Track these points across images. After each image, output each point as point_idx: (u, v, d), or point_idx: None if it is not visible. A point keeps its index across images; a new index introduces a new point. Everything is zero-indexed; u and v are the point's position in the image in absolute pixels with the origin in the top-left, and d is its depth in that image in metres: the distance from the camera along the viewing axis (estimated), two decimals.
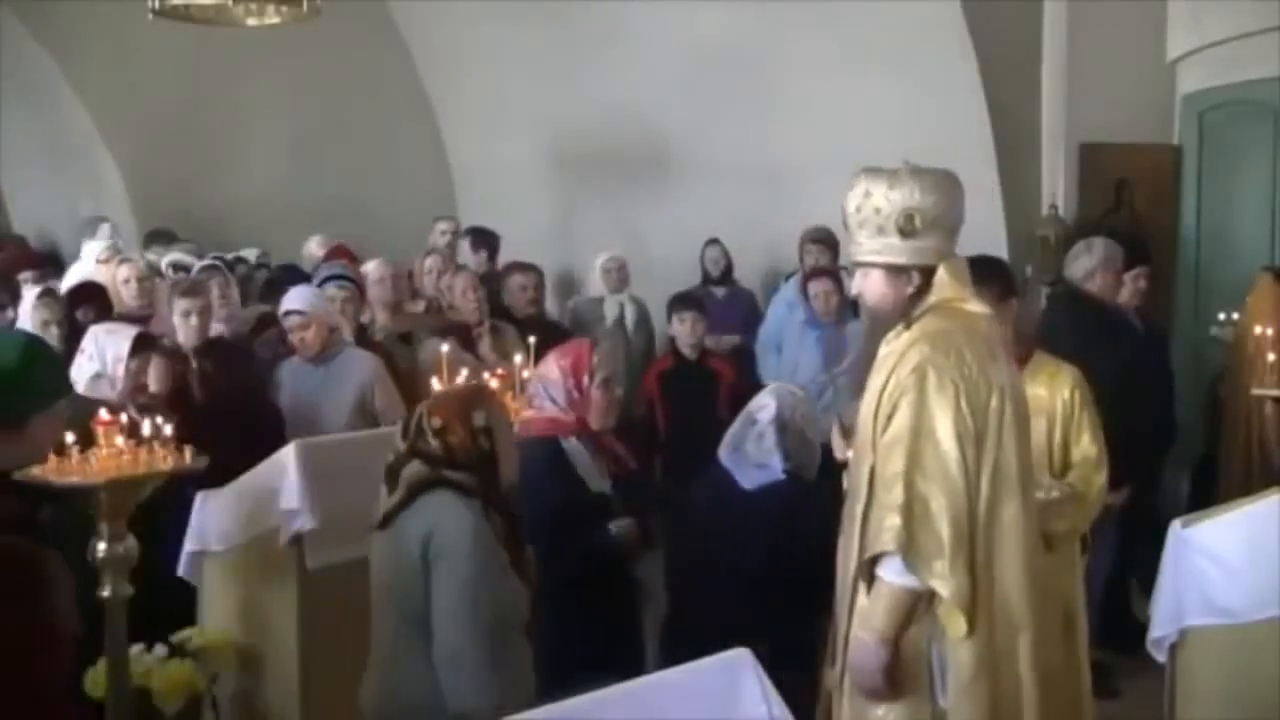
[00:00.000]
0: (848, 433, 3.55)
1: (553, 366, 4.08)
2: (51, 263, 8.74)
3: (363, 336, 5.77)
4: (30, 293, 5.82)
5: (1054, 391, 4.03)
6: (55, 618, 2.49)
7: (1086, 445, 4.01)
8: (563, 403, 4.01)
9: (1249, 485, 5.54)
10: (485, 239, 7.94)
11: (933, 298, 3.11)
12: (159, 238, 8.91)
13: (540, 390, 4.09)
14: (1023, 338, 4.13)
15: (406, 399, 5.33)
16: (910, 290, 3.13)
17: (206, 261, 6.59)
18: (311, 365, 5.37)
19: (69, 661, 2.63)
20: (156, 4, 5.49)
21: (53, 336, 5.29)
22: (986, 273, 4.16)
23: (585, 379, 4.01)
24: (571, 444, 4.00)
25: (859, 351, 5.96)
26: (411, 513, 3.21)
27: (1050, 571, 3.88)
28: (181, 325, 5.23)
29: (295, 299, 5.44)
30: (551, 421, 4.02)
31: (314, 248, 8.10)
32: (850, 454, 3.40)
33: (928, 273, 3.11)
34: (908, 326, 3.13)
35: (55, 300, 5.69)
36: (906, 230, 3.08)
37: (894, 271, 3.13)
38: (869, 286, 3.18)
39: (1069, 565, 4.02)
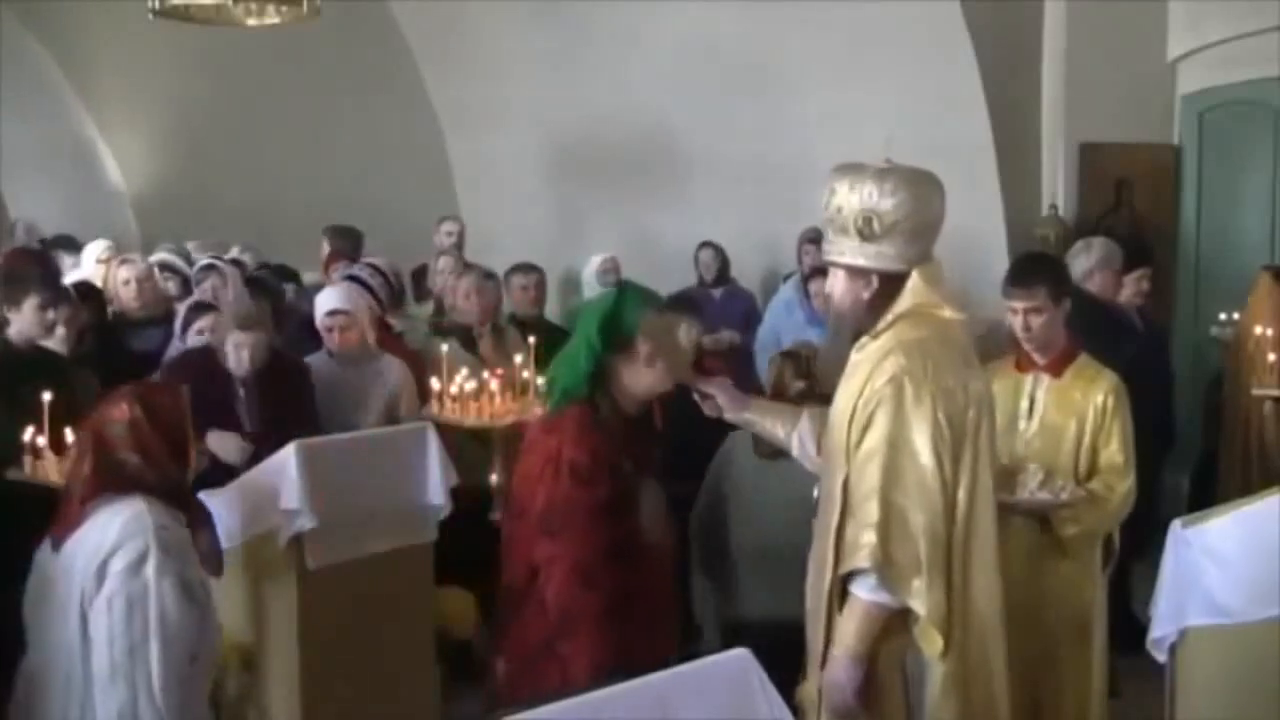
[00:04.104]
0: (705, 396, 3.50)
1: None
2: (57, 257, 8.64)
3: (386, 334, 5.70)
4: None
5: (1088, 395, 3.97)
6: None
7: (1114, 452, 3.95)
8: None
9: (1249, 485, 5.55)
10: (344, 236, 7.90)
11: (905, 304, 3.03)
12: (61, 244, 8.78)
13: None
14: (1069, 339, 4.11)
15: None
16: (867, 295, 3.05)
17: (205, 261, 6.58)
18: (338, 367, 5.25)
19: None
20: (157, 4, 5.49)
21: (59, 339, 5.27)
22: (1044, 268, 4.16)
23: None
24: None
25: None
26: None
27: (1067, 581, 3.89)
28: (232, 356, 4.97)
29: (337, 298, 5.30)
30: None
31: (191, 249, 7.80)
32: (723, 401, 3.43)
33: (889, 278, 3.03)
34: (876, 335, 3.06)
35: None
36: (865, 233, 3.01)
37: (854, 273, 3.07)
38: (835, 285, 3.14)
39: (1087, 575, 4.00)
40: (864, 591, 2.97)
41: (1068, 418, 3.99)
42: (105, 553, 3.04)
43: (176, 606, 3.05)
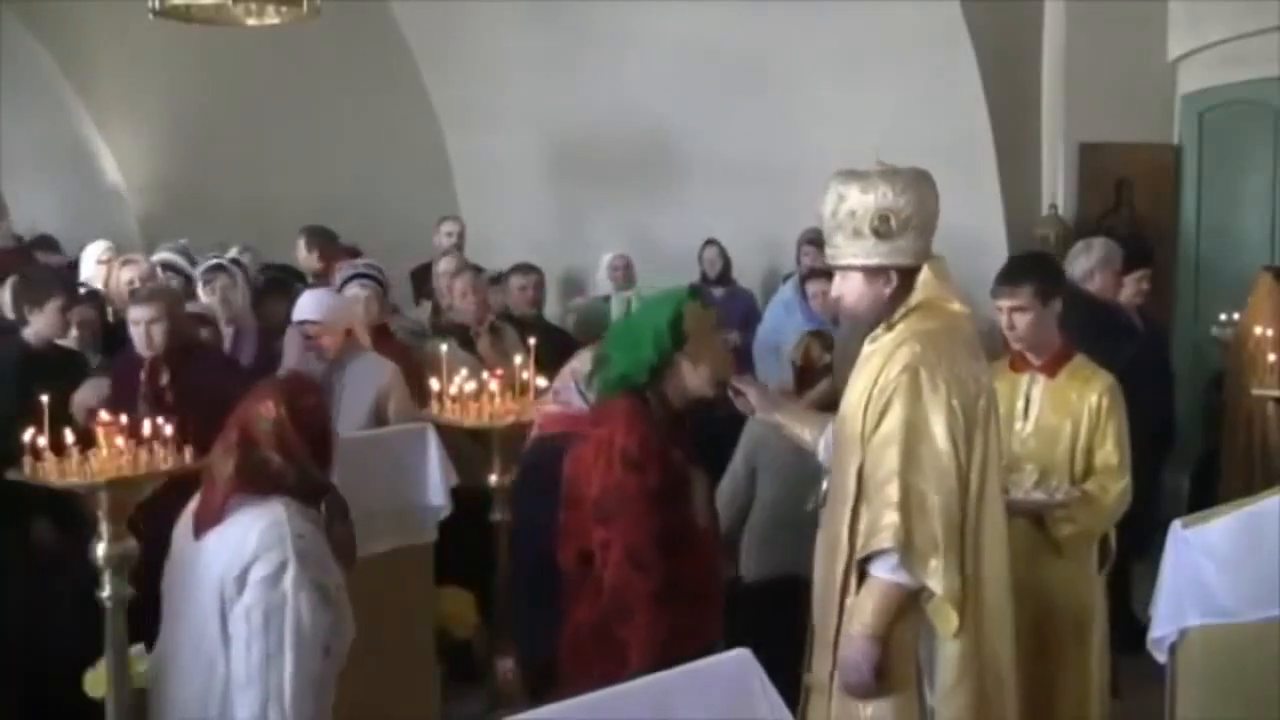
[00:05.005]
0: (738, 393, 3.60)
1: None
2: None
3: (384, 335, 5.70)
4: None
5: (1083, 396, 3.99)
6: None
7: (1109, 452, 3.97)
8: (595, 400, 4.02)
9: (1250, 485, 5.54)
10: (320, 238, 7.91)
11: (917, 297, 3.12)
12: (42, 244, 8.75)
13: (572, 386, 4.08)
14: (1063, 340, 4.12)
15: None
16: (888, 291, 3.14)
17: (213, 261, 6.58)
18: (325, 368, 5.19)
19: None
20: (157, 4, 5.48)
21: (71, 340, 5.27)
22: (1031, 267, 4.17)
23: None
24: None
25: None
26: None
27: (1064, 581, 3.90)
28: (135, 335, 4.86)
29: (310, 308, 5.24)
30: (571, 419, 4.02)
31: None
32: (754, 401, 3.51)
33: (905, 272, 3.13)
34: (889, 327, 3.14)
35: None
36: (882, 231, 3.10)
37: (872, 273, 3.15)
38: (848, 289, 3.20)
39: (1084, 574, 4.01)
40: (884, 571, 3.04)
41: (1063, 418, 4.01)
42: (245, 560, 3.16)
43: (311, 615, 3.18)
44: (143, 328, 4.80)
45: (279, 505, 3.22)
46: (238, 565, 3.15)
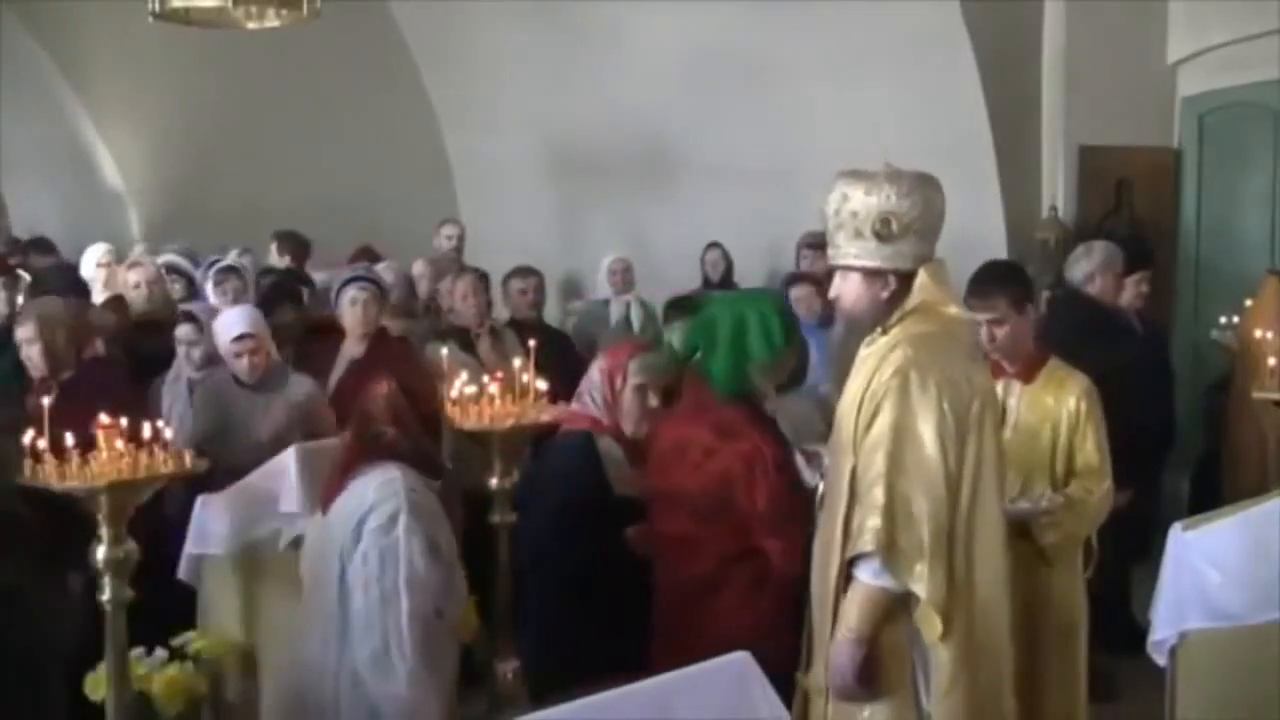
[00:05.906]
0: (810, 457, 3.58)
1: (595, 368, 4.15)
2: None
3: (382, 337, 5.67)
4: None
5: (1060, 399, 3.99)
6: None
7: (1090, 454, 3.96)
8: (600, 404, 4.06)
9: (1260, 486, 5.53)
10: (291, 242, 7.87)
11: (913, 301, 3.12)
12: (37, 246, 8.75)
13: (586, 390, 4.15)
14: (1037, 344, 4.12)
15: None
16: (886, 294, 3.13)
17: (225, 263, 6.56)
18: (243, 387, 5.03)
19: None
20: (156, 6, 5.48)
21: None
22: (1003, 278, 4.17)
23: (619, 382, 4.07)
24: (606, 444, 4.03)
25: (830, 355, 5.94)
26: None
27: (1053, 587, 3.91)
28: (25, 356, 4.60)
29: (243, 322, 5.05)
30: (593, 420, 4.07)
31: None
32: (825, 460, 3.43)
33: (905, 277, 3.12)
34: (885, 330, 3.14)
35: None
36: (883, 234, 3.08)
37: (871, 275, 3.14)
38: (846, 290, 3.19)
39: (1072, 578, 4.01)
40: (868, 575, 3.03)
41: (1042, 422, 4.01)
42: (363, 512, 3.41)
43: (424, 563, 3.38)
44: (23, 349, 4.61)
45: (394, 466, 3.45)
46: (355, 518, 3.39)
